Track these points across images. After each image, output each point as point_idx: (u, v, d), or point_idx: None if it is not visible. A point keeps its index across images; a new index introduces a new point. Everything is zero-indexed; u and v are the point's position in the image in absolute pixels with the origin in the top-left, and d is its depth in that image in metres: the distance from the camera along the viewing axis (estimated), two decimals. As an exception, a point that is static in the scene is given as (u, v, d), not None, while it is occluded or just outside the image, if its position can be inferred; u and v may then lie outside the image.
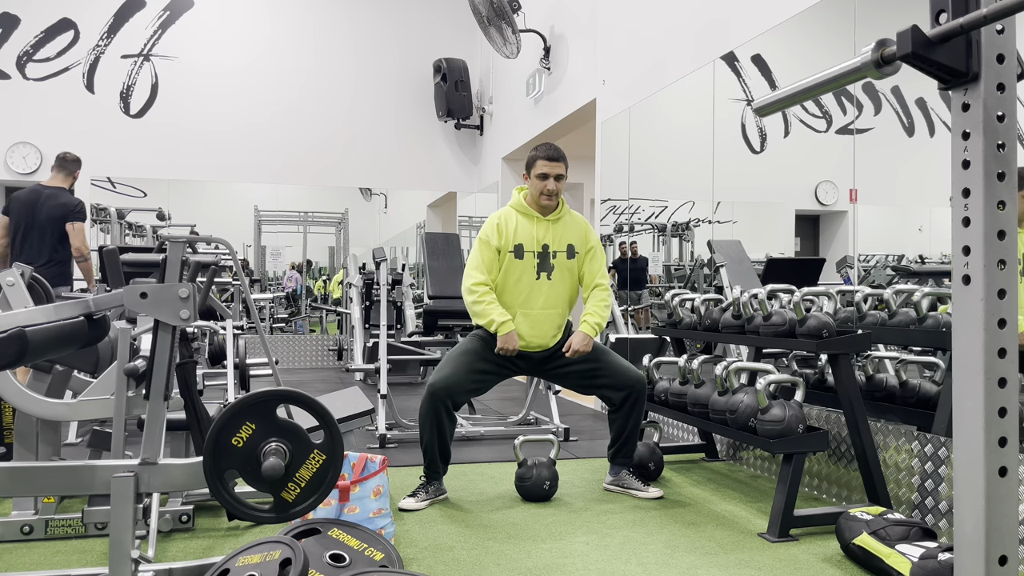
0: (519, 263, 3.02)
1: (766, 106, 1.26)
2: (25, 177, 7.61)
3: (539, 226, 3.05)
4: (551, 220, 3.07)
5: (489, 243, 3.01)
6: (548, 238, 3.05)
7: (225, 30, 8.19)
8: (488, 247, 3.01)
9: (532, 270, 3.02)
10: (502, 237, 3.02)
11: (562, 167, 3.02)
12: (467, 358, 3.02)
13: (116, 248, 2.84)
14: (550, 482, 3.05)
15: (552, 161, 3.00)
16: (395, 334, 6.22)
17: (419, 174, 8.76)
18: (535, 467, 3.06)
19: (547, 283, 3.04)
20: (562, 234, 3.07)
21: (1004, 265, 1.01)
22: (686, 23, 4.47)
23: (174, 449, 2.74)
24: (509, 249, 3.01)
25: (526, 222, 3.05)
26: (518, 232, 3.02)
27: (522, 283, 3.03)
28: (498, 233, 3.02)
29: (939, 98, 3.05)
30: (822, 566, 2.33)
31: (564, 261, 3.06)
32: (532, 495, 3.03)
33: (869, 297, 3.03)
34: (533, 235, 3.04)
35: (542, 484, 3.03)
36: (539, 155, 3.03)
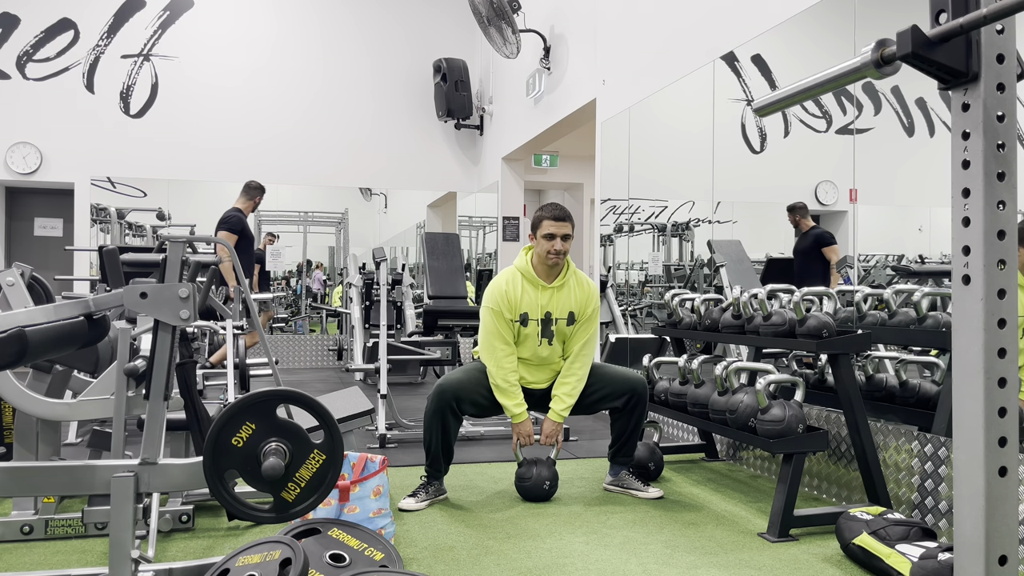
0: (524, 330, 3.08)
1: (766, 106, 1.26)
2: (25, 177, 7.61)
3: (543, 294, 3.08)
4: (555, 287, 3.09)
5: (503, 315, 3.05)
6: (551, 305, 3.09)
7: (225, 30, 8.19)
8: (502, 319, 3.05)
9: (536, 336, 3.09)
10: (511, 307, 3.06)
11: (569, 227, 3.03)
12: (480, 375, 3.08)
13: (116, 248, 2.84)
14: (550, 482, 3.05)
15: (559, 221, 3.01)
16: (395, 334, 6.22)
17: (419, 174, 8.76)
18: (535, 467, 3.06)
19: (547, 348, 3.11)
20: (564, 302, 3.10)
21: (1004, 265, 1.01)
22: (686, 23, 4.47)
23: (174, 449, 2.74)
24: (515, 319, 3.06)
25: (531, 290, 3.08)
26: (523, 301, 3.07)
27: (525, 346, 3.10)
28: (508, 303, 3.05)
29: (939, 98, 3.05)
30: (822, 566, 2.33)
31: (563, 327, 3.11)
32: (532, 495, 3.03)
33: (869, 297, 3.03)
34: (537, 303, 3.08)
35: (542, 484, 3.03)
36: (545, 215, 3.04)
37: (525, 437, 3.08)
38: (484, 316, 3.10)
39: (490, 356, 3.06)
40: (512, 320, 3.06)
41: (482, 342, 3.10)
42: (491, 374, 3.06)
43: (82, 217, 7.76)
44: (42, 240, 8.28)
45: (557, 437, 3.12)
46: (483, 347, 3.09)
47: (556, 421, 3.09)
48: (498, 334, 3.05)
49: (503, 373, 3.04)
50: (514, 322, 3.06)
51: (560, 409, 3.07)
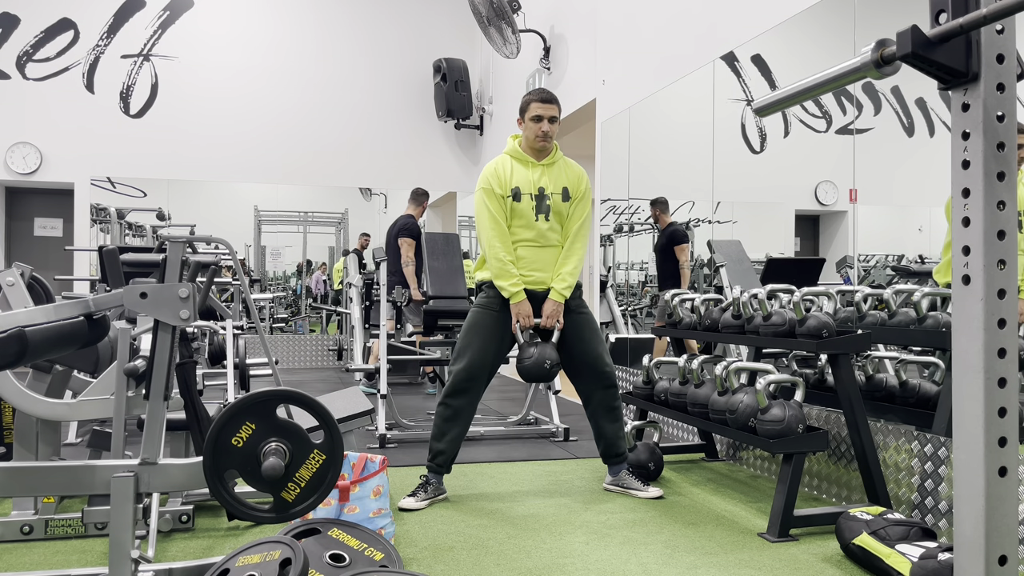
0: (517, 206, 3.07)
1: (766, 106, 1.26)
2: (25, 177, 7.61)
3: (534, 170, 3.11)
4: (546, 164, 3.12)
5: (493, 191, 3.06)
6: (543, 181, 3.10)
7: (225, 30, 8.19)
8: (493, 195, 3.06)
9: (530, 212, 3.08)
10: (501, 183, 3.06)
11: (555, 109, 3.09)
12: (482, 334, 3.06)
13: (116, 248, 2.84)
14: (551, 361, 2.97)
15: (545, 103, 3.07)
16: (395, 334, 6.22)
17: (419, 174, 8.76)
18: (537, 347, 2.99)
19: (545, 223, 3.10)
20: (557, 177, 3.12)
21: (1004, 265, 1.01)
22: (686, 23, 4.47)
23: (174, 449, 2.74)
24: (507, 194, 3.06)
25: (521, 167, 3.10)
26: (514, 176, 3.08)
27: (522, 224, 3.08)
28: (498, 179, 3.07)
29: (939, 98, 3.05)
30: (822, 566, 2.33)
31: (559, 203, 3.11)
32: (534, 374, 2.97)
33: (869, 297, 3.03)
34: (529, 179, 3.09)
35: (543, 362, 2.96)
36: (532, 98, 3.09)
37: (524, 317, 3.05)
38: (476, 199, 3.11)
39: (484, 237, 3.06)
40: (503, 196, 3.05)
41: (477, 226, 3.11)
42: (486, 256, 3.05)
43: (82, 217, 7.77)
44: (42, 240, 8.28)
45: (558, 317, 3.07)
46: (478, 230, 3.11)
47: (557, 300, 3.06)
48: (489, 213, 3.05)
49: (496, 252, 3.02)
50: (505, 198, 3.06)
51: (561, 288, 3.06)
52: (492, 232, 3.04)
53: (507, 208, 3.06)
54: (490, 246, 3.04)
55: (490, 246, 3.04)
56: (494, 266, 3.04)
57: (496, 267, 3.03)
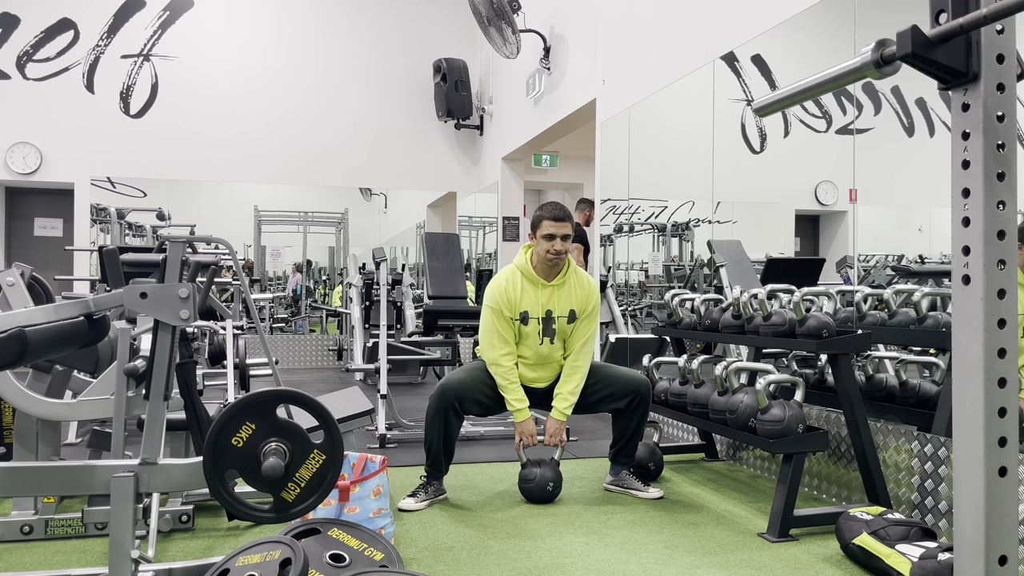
0: (524, 328, 3.08)
1: (766, 106, 1.26)
2: (25, 177, 7.61)
3: (543, 292, 3.09)
4: (556, 285, 3.09)
5: (503, 314, 3.06)
6: (552, 303, 3.09)
7: (225, 30, 8.19)
8: (502, 317, 3.06)
9: (536, 335, 3.09)
10: (511, 306, 3.06)
11: (568, 227, 3.03)
12: (481, 375, 3.09)
13: (116, 248, 2.84)
14: (553, 483, 3.04)
15: (558, 222, 3.01)
16: (395, 334, 6.22)
17: (419, 174, 8.76)
18: (539, 467, 3.05)
19: (548, 347, 3.11)
20: (565, 300, 3.10)
21: (1004, 265, 1.01)
22: (686, 23, 4.47)
23: (174, 449, 2.74)
24: (516, 317, 3.07)
25: (531, 288, 3.08)
26: (523, 300, 3.07)
27: (526, 345, 3.10)
28: (508, 302, 3.06)
29: (939, 98, 3.05)
30: (822, 566, 2.33)
31: (564, 325, 3.11)
32: (536, 497, 3.02)
33: (869, 297, 3.03)
34: (537, 301, 3.08)
35: (546, 485, 3.02)
36: (545, 215, 3.04)
37: (528, 436, 3.08)
38: (484, 315, 3.11)
39: (489, 355, 3.07)
40: (512, 319, 3.06)
41: (482, 340, 3.11)
42: (494, 374, 3.06)
43: (82, 217, 7.76)
44: (42, 240, 8.28)
45: (561, 436, 3.12)
46: (483, 345, 3.10)
47: (559, 420, 3.09)
48: (498, 333, 3.05)
49: (502, 371, 3.04)
50: (514, 320, 3.06)
51: (563, 408, 3.07)
52: (500, 352, 3.05)
53: (515, 329, 3.08)
54: (497, 365, 3.05)
55: (497, 365, 3.05)
56: (501, 384, 3.06)
57: (502, 384, 3.05)
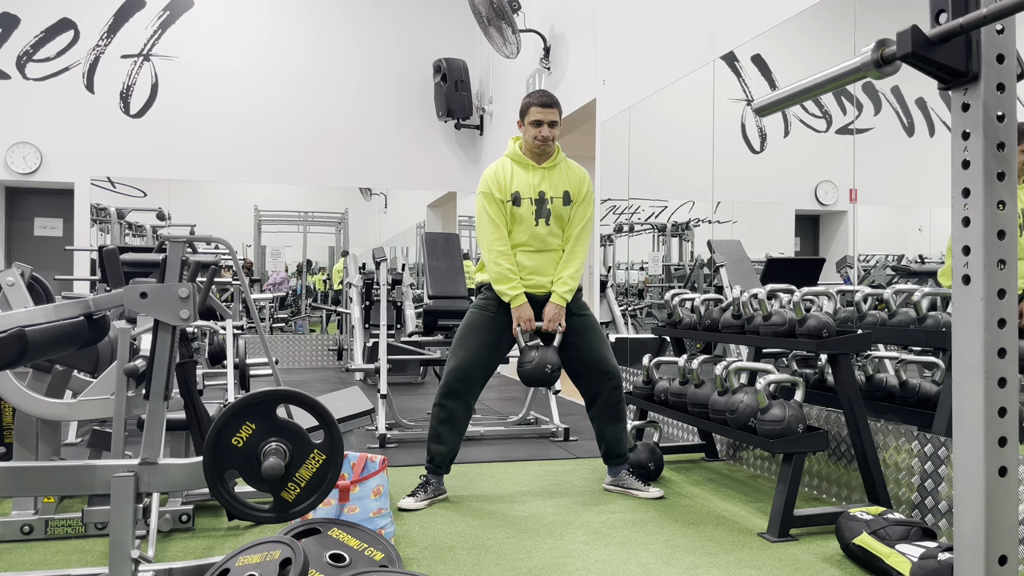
0: (517, 210, 3.06)
1: (766, 106, 1.26)
2: (25, 177, 7.61)
3: (534, 174, 3.08)
4: (546, 167, 3.10)
5: (493, 195, 3.05)
6: (544, 185, 3.08)
7: (225, 30, 8.19)
8: (493, 200, 3.05)
9: (531, 216, 3.06)
10: (501, 187, 3.05)
11: (555, 113, 3.05)
12: (478, 335, 3.05)
13: (116, 248, 2.84)
14: (552, 365, 2.95)
15: (545, 107, 3.03)
16: (395, 334, 6.22)
17: (419, 174, 8.76)
18: (537, 350, 2.98)
19: (545, 228, 3.08)
20: (557, 181, 3.10)
21: (1004, 265, 1.01)
22: (686, 23, 4.47)
23: (174, 449, 2.74)
24: (507, 198, 3.05)
25: (522, 171, 3.09)
26: (514, 181, 3.06)
27: (521, 228, 3.07)
28: (497, 184, 3.05)
29: (939, 98, 3.05)
30: (822, 566, 2.33)
31: (560, 207, 3.09)
32: (534, 378, 2.96)
33: (869, 297, 3.03)
34: (529, 183, 3.07)
35: (544, 367, 2.95)
36: (532, 102, 3.06)
37: (525, 321, 3.03)
38: (476, 203, 3.11)
39: (484, 241, 3.05)
40: (503, 200, 3.04)
41: (478, 229, 3.10)
42: (486, 261, 3.04)
43: (82, 217, 7.76)
44: (42, 240, 8.28)
45: (560, 321, 3.06)
46: (478, 234, 3.10)
47: (558, 304, 3.05)
48: (489, 217, 3.04)
49: (496, 257, 3.02)
50: (505, 202, 3.05)
51: (563, 291, 3.05)
52: (492, 236, 3.03)
53: (507, 212, 3.05)
54: (489, 250, 3.03)
55: (489, 250, 3.03)
56: (493, 271, 3.03)
57: (495, 272, 3.02)
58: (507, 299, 3.03)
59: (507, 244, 3.05)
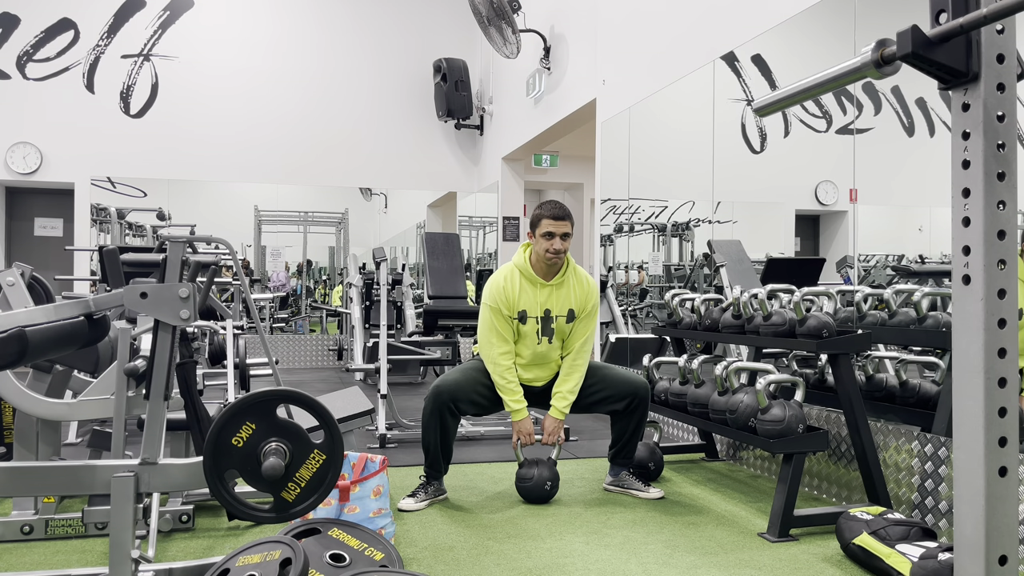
0: (522, 327, 3.08)
1: (766, 106, 1.26)
2: (25, 177, 7.61)
3: (542, 292, 3.08)
4: (554, 284, 3.08)
5: (500, 312, 3.05)
6: (550, 303, 3.08)
7: (225, 30, 8.19)
8: (500, 316, 3.05)
9: (535, 334, 3.08)
10: (509, 304, 3.05)
11: (568, 226, 3.01)
12: (476, 374, 3.08)
13: (116, 248, 2.84)
14: (551, 482, 3.04)
15: (558, 220, 2.99)
16: (395, 334, 6.22)
17: (419, 174, 8.76)
18: (536, 467, 3.05)
19: (547, 345, 3.10)
20: (564, 299, 3.10)
21: (1004, 265, 1.01)
22: (686, 23, 4.47)
23: (174, 449, 2.74)
24: (514, 315, 3.06)
25: (529, 287, 3.07)
26: (521, 299, 3.06)
27: (524, 344, 3.09)
28: (506, 301, 3.05)
29: (939, 98, 3.05)
30: (822, 566, 2.33)
31: (563, 325, 3.10)
32: (533, 496, 3.02)
33: (869, 297, 3.03)
34: (536, 300, 3.07)
35: (543, 484, 3.02)
36: (544, 214, 3.02)
37: (526, 436, 3.07)
38: (483, 313, 3.10)
39: (488, 353, 3.06)
40: (511, 317, 3.05)
41: (481, 339, 3.10)
42: (491, 372, 3.06)
43: (82, 217, 7.76)
44: (42, 240, 8.28)
45: (559, 435, 3.11)
46: (482, 344, 3.09)
47: (557, 419, 3.09)
48: (496, 331, 3.05)
49: (500, 370, 3.04)
50: (512, 319, 3.06)
51: (562, 407, 3.07)
52: (498, 351, 3.04)
53: (514, 327, 3.07)
54: (496, 364, 3.04)
55: (496, 364, 3.04)
56: (498, 382, 3.05)
57: (500, 383, 3.04)
58: (509, 410, 3.06)
59: (512, 358, 3.07)
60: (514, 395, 3.04)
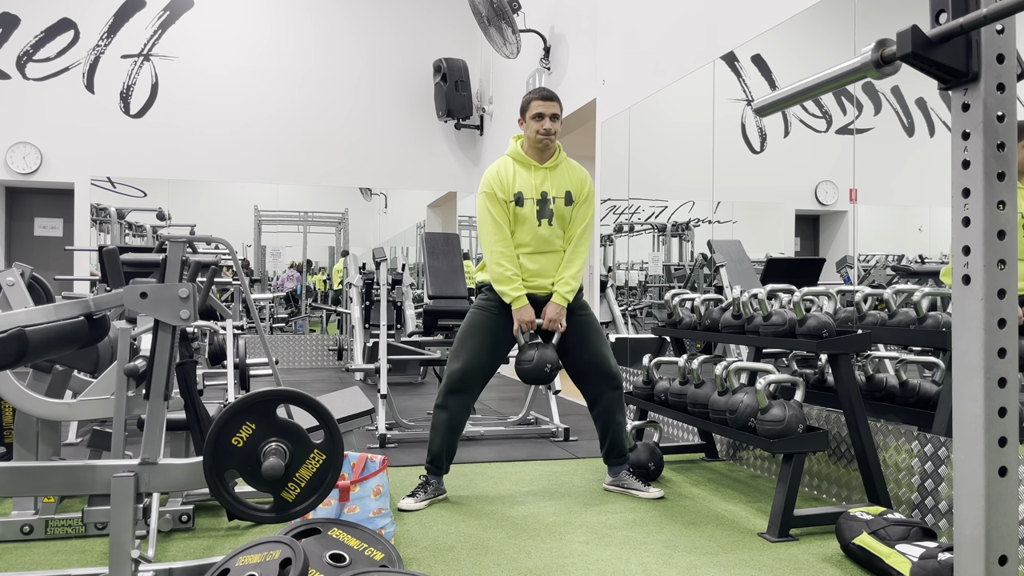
0: (520, 211, 3.05)
1: (766, 106, 1.26)
2: (25, 177, 7.61)
3: (537, 174, 3.08)
4: (548, 167, 3.09)
5: (495, 195, 3.04)
6: (546, 185, 3.08)
7: (225, 30, 8.19)
8: (495, 200, 3.04)
9: (533, 217, 3.06)
10: (504, 187, 3.04)
11: (556, 106, 3.06)
12: (479, 336, 3.04)
13: (116, 248, 2.84)
14: (551, 364, 2.95)
15: (546, 100, 3.04)
16: (395, 334, 6.22)
17: (419, 174, 8.76)
18: (537, 349, 2.97)
19: (548, 228, 3.07)
20: (560, 181, 3.10)
21: (1004, 265, 1.01)
22: (686, 23, 4.47)
23: (174, 449, 2.74)
24: (510, 199, 3.05)
25: (524, 171, 3.08)
26: (517, 181, 3.06)
27: (524, 229, 3.06)
28: (500, 183, 3.04)
29: (939, 98, 3.05)
30: (822, 566, 2.33)
31: (562, 208, 3.09)
32: (534, 377, 2.96)
33: (869, 297, 3.03)
34: (531, 183, 3.07)
35: (543, 366, 2.95)
36: (533, 96, 3.06)
37: (526, 323, 3.03)
38: (478, 203, 3.10)
39: (486, 242, 3.04)
40: (506, 201, 3.04)
41: (479, 230, 3.09)
42: (488, 262, 3.04)
43: (82, 217, 7.77)
44: (42, 240, 8.28)
45: (560, 321, 3.06)
46: (480, 234, 3.09)
47: (560, 304, 3.05)
48: (492, 218, 3.03)
49: (498, 257, 3.01)
50: (508, 203, 3.04)
51: (564, 292, 3.05)
52: (495, 237, 3.02)
53: (510, 213, 3.05)
54: (492, 251, 3.02)
55: (492, 251, 3.02)
56: (495, 271, 3.02)
57: (497, 272, 3.02)
58: (508, 300, 3.02)
59: (510, 245, 3.04)
60: (512, 283, 3.01)
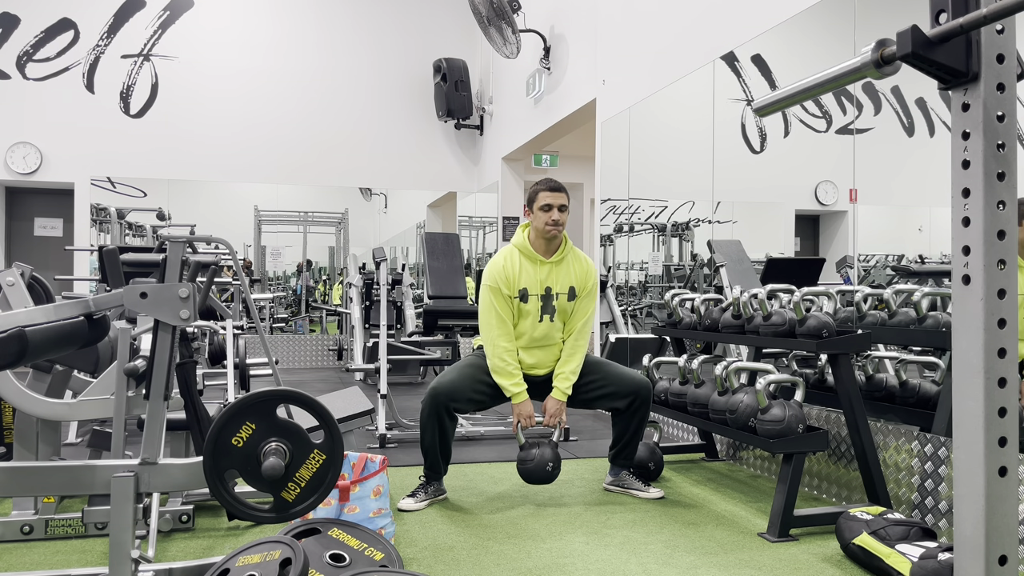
0: (524, 306, 3.06)
1: (766, 106, 1.26)
2: (25, 177, 7.61)
3: (542, 268, 3.07)
4: (554, 262, 3.08)
5: (500, 291, 3.04)
6: (551, 280, 3.08)
7: (225, 30, 8.19)
8: (500, 295, 3.04)
9: (536, 312, 3.07)
10: (509, 283, 3.04)
11: (564, 197, 3.04)
12: (473, 371, 3.06)
13: (116, 248, 2.84)
14: (553, 463, 2.96)
15: (554, 192, 3.02)
16: (395, 334, 6.22)
17: (419, 174, 8.76)
18: (537, 448, 2.98)
19: (549, 324, 3.09)
20: (564, 276, 3.09)
21: (1004, 265, 1.01)
22: (686, 23, 4.47)
23: (174, 449, 2.74)
24: (514, 295, 3.05)
25: (530, 265, 3.07)
26: (522, 276, 3.06)
27: (526, 323, 3.07)
28: (506, 280, 3.04)
29: (939, 98, 3.05)
30: (822, 566, 2.33)
31: (564, 303, 3.10)
32: (535, 477, 2.96)
33: (869, 297, 3.03)
34: (536, 278, 3.06)
35: (545, 465, 2.95)
36: (540, 188, 3.04)
37: (526, 419, 3.04)
38: (482, 295, 3.09)
39: (488, 335, 3.04)
40: (511, 296, 3.04)
41: (481, 322, 3.09)
42: (489, 355, 3.04)
43: (82, 217, 7.76)
44: (42, 240, 8.28)
45: (560, 417, 3.08)
46: (482, 326, 3.08)
47: (559, 400, 3.06)
48: (496, 313, 3.03)
49: (500, 352, 3.02)
50: (513, 298, 3.04)
51: (564, 387, 3.05)
52: (498, 331, 3.03)
53: (514, 308, 3.06)
54: (495, 345, 3.03)
55: (495, 345, 3.03)
56: (497, 364, 3.02)
57: (500, 366, 3.02)
58: (509, 394, 3.04)
59: (512, 340, 3.05)
60: (513, 378, 3.02)
